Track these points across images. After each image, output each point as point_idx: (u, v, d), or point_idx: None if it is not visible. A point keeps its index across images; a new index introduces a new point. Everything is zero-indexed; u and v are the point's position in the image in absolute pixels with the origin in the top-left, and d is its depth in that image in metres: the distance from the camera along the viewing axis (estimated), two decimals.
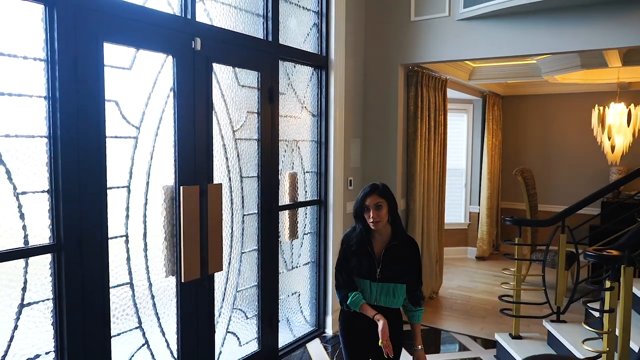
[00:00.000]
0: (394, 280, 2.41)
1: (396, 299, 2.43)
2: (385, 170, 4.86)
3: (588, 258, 2.73)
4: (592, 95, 7.04)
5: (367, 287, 2.45)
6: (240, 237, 3.57)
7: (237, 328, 3.60)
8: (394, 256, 2.42)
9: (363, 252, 2.46)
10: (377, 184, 2.48)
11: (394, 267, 2.41)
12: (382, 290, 2.42)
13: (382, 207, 2.39)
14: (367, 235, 2.47)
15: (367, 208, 2.41)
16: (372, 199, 2.40)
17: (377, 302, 2.44)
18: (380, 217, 2.39)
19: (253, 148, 3.64)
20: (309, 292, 4.45)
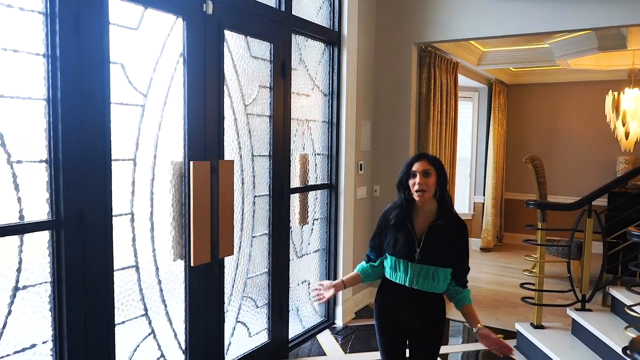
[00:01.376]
0: (435, 262, 2.16)
1: (436, 283, 2.18)
2: (396, 155, 4.64)
3: (633, 238, 2.53)
4: (599, 83, 6.89)
5: (404, 268, 2.21)
6: (251, 220, 3.33)
7: (247, 317, 3.36)
8: (437, 236, 2.17)
9: (402, 228, 2.22)
10: (426, 153, 2.26)
11: (437, 248, 2.17)
12: (420, 272, 2.18)
13: (431, 175, 2.15)
14: (409, 210, 2.23)
15: (413, 174, 2.17)
16: (421, 165, 2.16)
17: (414, 285, 2.20)
18: (427, 185, 2.13)
19: (265, 125, 3.40)
20: (318, 280, 4.22)
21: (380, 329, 2.37)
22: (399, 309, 2.25)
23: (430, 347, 2.27)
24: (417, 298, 2.21)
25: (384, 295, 2.34)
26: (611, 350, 3.13)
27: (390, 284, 2.30)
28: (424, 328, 2.25)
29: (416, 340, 2.28)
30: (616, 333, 3.22)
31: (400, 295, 2.24)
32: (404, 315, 2.24)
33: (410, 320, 2.24)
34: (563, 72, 6.95)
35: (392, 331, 2.33)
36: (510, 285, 5.51)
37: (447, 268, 2.18)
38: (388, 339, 2.35)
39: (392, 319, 2.30)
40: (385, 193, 4.71)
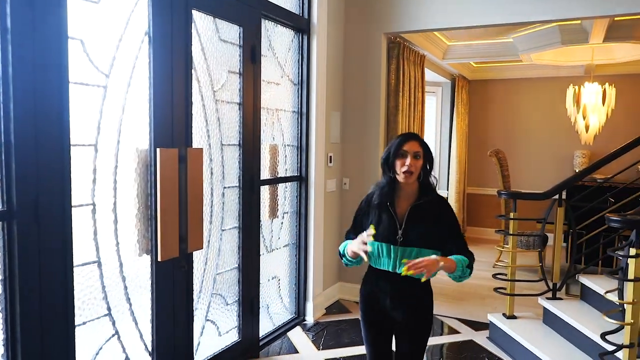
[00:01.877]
0: (418, 243, 2.07)
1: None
2: (365, 148, 4.56)
3: (611, 223, 2.54)
4: (558, 79, 7.07)
5: (387, 252, 2.11)
6: (220, 213, 3.16)
7: (216, 316, 3.18)
8: (419, 217, 2.09)
9: (383, 209, 2.13)
10: (415, 133, 2.17)
11: (419, 229, 2.08)
12: (403, 255, 2.08)
13: (420, 158, 2.07)
14: (392, 191, 2.14)
15: (402, 154, 2.07)
16: (412, 145, 2.07)
17: (397, 269, 2.09)
18: (415, 167, 2.06)
19: (234, 112, 3.23)
20: (288, 276, 4.09)
21: (365, 320, 2.27)
22: (384, 298, 2.15)
23: (417, 340, 2.18)
24: (402, 284, 2.11)
25: (368, 285, 2.24)
26: (583, 335, 3.16)
27: (374, 272, 2.20)
28: (410, 319, 2.15)
29: (402, 333, 2.19)
30: (586, 319, 3.25)
31: (385, 283, 2.15)
32: (389, 305, 2.15)
33: (396, 309, 2.14)
34: (523, 68, 7.09)
35: (377, 323, 2.23)
36: (478, 278, 5.51)
37: (431, 249, 2.08)
38: (373, 332, 2.25)
39: (377, 309, 2.20)
40: (354, 186, 4.63)
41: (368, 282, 2.25)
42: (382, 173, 2.19)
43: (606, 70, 6.37)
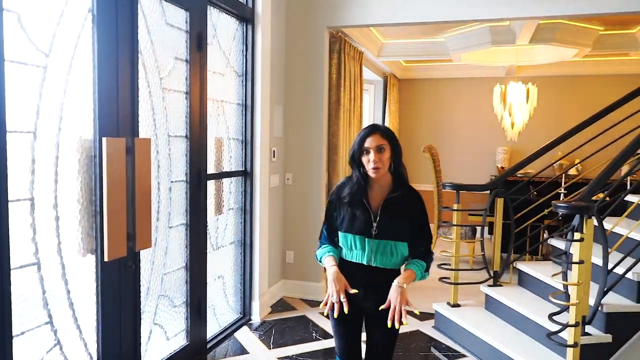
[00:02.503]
0: (392, 237, 2.06)
1: (394, 258, 2.09)
2: (308, 142, 4.51)
3: (559, 209, 2.68)
4: (482, 80, 7.46)
5: (361, 244, 2.08)
6: (167, 209, 2.96)
7: (163, 319, 2.98)
8: (393, 209, 2.07)
9: (357, 204, 2.09)
10: (377, 124, 2.13)
11: (393, 221, 2.06)
12: (378, 248, 2.06)
13: (385, 150, 2.03)
14: (364, 185, 2.10)
15: (366, 151, 2.04)
16: (374, 140, 2.03)
17: (372, 262, 2.08)
18: (382, 161, 2.02)
19: (181, 102, 3.04)
20: (233, 275, 3.93)
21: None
22: (357, 289, 2.11)
23: (392, 328, 2.15)
24: (375, 276, 2.09)
25: (342, 267, 2.19)
26: (522, 317, 3.33)
27: (345, 264, 2.16)
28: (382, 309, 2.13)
29: (374, 320, 2.16)
30: (525, 302, 3.43)
31: (357, 274, 2.11)
32: (361, 296, 2.11)
33: (369, 299, 2.11)
34: (450, 68, 7.40)
35: (348, 315, 2.18)
36: None
37: (404, 242, 2.08)
38: (343, 323, 2.20)
39: (348, 301, 2.15)
40: (297, 181, 4.56)
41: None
42: (352, 169, 2.14)
43: (526, 71, 6.81)
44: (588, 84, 7.09)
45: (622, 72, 6.81)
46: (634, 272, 2.87)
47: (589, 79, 7.08)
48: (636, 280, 2.88)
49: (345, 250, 2.15)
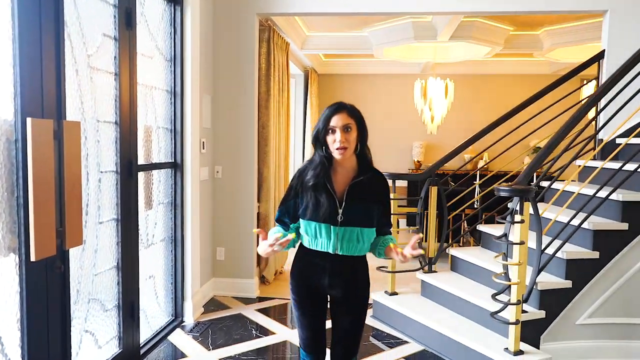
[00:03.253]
0: (359, 223, 1.98)
1: (362, 245, 2.01)
2: (238, 133, 4.34)
3: (501, 192, 2.80)
4: (398, 76, 7.71)
5: (326, 232, 1.98)
6: (96, 202, 2.65)
7: (95, 325, 2.67)
8: (359, 194, 1.98)
9: (321, 189, 1.98)
10: (344, 102, 2.00)
11: (360, 207, 1.98)
12: (344, 235, 1.97)
13: (351, 130, 1.94)
14: (328, 168, 2.00)
15: (332, 130, 1.93)
16: (340, 118, 1.92)
17: (338, 250, 1.99)
18: (348, 141, 1.92)
19: (110, 84, 2.75)
20: (164, 274, 3.65)
21: (299, 302, 2.11)
22: (322, 277, 2.03)
23: (355, 316, 2.10)
24: (342, 264, 2.01)
25: (302, 265, 2.09)
26: (457, 298, 3.46)
27: (309, 252, 2.06)
28: (350, 294, 2.06)
29: (341, 308, 2.08)
30: (458, 285, 3.55)
31: (322, 262, 2.02)
32: (327, 284, 2.03)
33: (335, 287, 2.04)
34: (368, 64, 7.55)
35: (312, 304, 2.10)
36: None
37: (371, 228, 2.01)
38: (308, 313, 2.11)
39: (313, 290, 2.07)
40: (228, 175, 4.36)
41: (302, 262, 2.10)
42: (314, 150, 2.03)
43: (441, 69, 7.10)
44: (495, 83, 7.59)
45: (526, 72, 7.38)
46: (563, 252, 3.07)
47: (496, 78, 7.58)
48: (565, 259, 3.08)
49: (309, 238, 2.04)
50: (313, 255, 2.05)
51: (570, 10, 4.02)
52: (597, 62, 4.03)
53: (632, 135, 3.35)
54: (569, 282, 3.10)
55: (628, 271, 3.15)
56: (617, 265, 3.15)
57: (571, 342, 3.17)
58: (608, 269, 3.14)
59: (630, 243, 3.13)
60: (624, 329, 3.20)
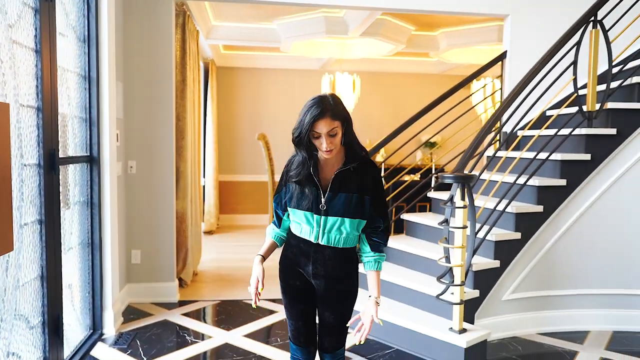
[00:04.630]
0: (342, 213, 1.90)
1: (345, 236, 1.93)
2: (155, 124, 4.01)
3: (446, 179, 2.94)
4: (300, 72, 7.74)
5: (309, 221, 1.91)
6: (18, 201, 2.25)
7: (19, 345, 2.26)
8: (345, 184, 1.90)
9: (306, 180, 1.90)
10: (325, 98, 1.84)
11: (343, 197, 1.90)
12: (326, 225, 1.91)
13: (337, 134, 1.83)
14: (311, 165, 1.90)
15: (316, 136, 1.81)
16: (325, 125, 1.78)
17: (321, 240, 1.92)
18: (334, 144, 1.83)
19: (31, 62, 2.34)
20: (80, 282, 3.23)
21: (285, 289, 2.04)
22: (306, 265, 1.96)
23: (340, 309, 2.03)
24: (325, 254, 1.94)
25: (289, 253, 2.02)
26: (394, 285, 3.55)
27: (295, 239, 1.99)
28: (332, 288, 1.99)
29: (325, 302, 2.01)
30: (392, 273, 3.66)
31: (307, 249, 1.95)
32: (311, 272, 1.96)
33: (318, 278, 1.96)
34: (270, 58, 7.46)
35: (298, 291, 2.02)
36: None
37: (355, 219, 1.95)
38: (294, 301, 2.03)
39: (297, 277, 2.00)
40: (143, 170, 4.01)
41: (289, 249, 2.03)
42: (296, 150, 1.92)
43: (342, 66, 7.26)
44: (390, 80, 7.97)
45: (418, 71, 7.86)
46: (492, 234, 3.32)
47: (391, 75, 7.96)
48: (494, 241, 3.34)
49: (294, 225, 1.97)
50: (300, 241, 1.98)
51: (477, 13, 4.34)
52: (499, 62, 4.43)
53: (527, 128, 3.72)
54: (497, 262, 3.36)
55: (542, 249, 3.52)
56: (534, 244, 3.49)
57: (498, 317, 3.45)
58: (527, 248, 3.47)
59: (544, 223, 3.49)
60: (540, 301, 3.56)
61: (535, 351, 3.30)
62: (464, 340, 2.93)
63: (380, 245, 1.98)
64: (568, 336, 3.49)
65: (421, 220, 4.01)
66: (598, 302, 3.64)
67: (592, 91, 3.56)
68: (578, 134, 3.55)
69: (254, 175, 7.82)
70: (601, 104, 3.52)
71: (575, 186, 3.53)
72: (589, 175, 3.54)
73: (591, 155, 3.52)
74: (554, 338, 3.47)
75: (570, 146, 3.59)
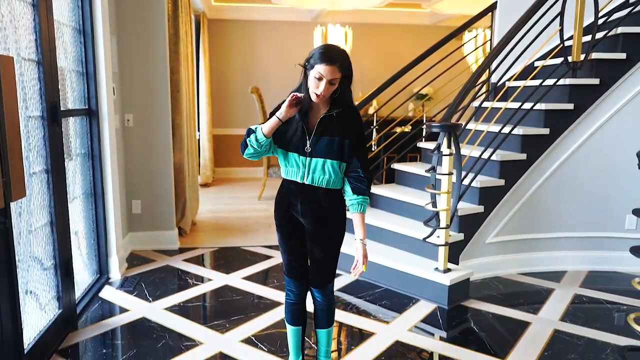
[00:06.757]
0: (324, 155, 2.05)
1: (328, 176, 2.07)
2: (150, 78, 4.07)
3: (434, 128, 3.07)
4: (292, 24, 7.69)
5: (296, 162, 2.07)
6: (27, 150, 2.37)
7: (36, 285, 2.45)
8: (329, 127, 2.04)
9: (296, 122, 2.05)
10: (340, 50, 1.98)
11: (327, 140, 2.04)
12: (311, 166, 2.06)
13: (335, 83, 1.97)
14: (307, 105, 2.03)
15: (319, 77, 1.93)
16: (330, 72, 1.92)
17: (306, 180, 2.08)
18: (328, 92, 1.97)
19: (28, 14, 2.40)
20: (86, 230, 3.40)
21: (279, 226, 2.22)
22: (295, 204, 2.12)
23: (327, 246, 2.19)
24: (312, 194, 2.10)
25: (282, 192, 2.19)
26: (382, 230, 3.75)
27: (286, 181, 2.16)
28: (319, 226, 2.15)
29: (312, 238, 2.18)
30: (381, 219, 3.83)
31: (295, 189, 2.11)
32: (300, 211, 2.12)
33: (306, 216, 2.13)
34: (261, 10, 7.39)
35: (289, 228, 2.19)
36: (249, 211, 5.77)
37: (336, 160, 2.07)
38: (286, 236, 2.21)
39: (289, 215, 2.17)
40: (139, 123, 4.10)
41: (282, 189, 2.19)
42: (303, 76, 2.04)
43: (334, 17, 7.21)
44: (382, 32, 7.93)
45: (410, 22, 7.82)
46: (477, 181, 3.49)
47: (382, 27, 7.92)
48: (478, 187, 3.51)
49: (283, 167, 2.13)
50: (289, 183, 2.14)
51: None
52: (489, 13, 4.47)
53: (513, 79, 3.83)
54: (482, 207, 3.55)
55: (525, 194, 3.70)
56: (517, 190, 3.68)
57: (482, 259, 3.67)
58: (510, 194, 3.66)
59: (527, 170, 3.66)
60: (521, 243, 3.78)
61: (515, 289, 3.54)
62: (448, 279, 3.16)
63: (362, 188, 2.11)
64: (546, 276, 3.73)
65: (411, 169, 4.16)
66: (576, 244, 3.86)
67: (578, 42, 3.65)
68: (562, 84, 3.67)
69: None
70: (586, 55, 3.62)
71: (558, 135, 3.68)
72: (571, 124, 3.69)
73: (574, 104, 3.65)
74: (533, 277, 3.71)
75: (555, 96, 3.71)
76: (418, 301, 3.27)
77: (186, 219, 4.65)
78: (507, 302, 3.27)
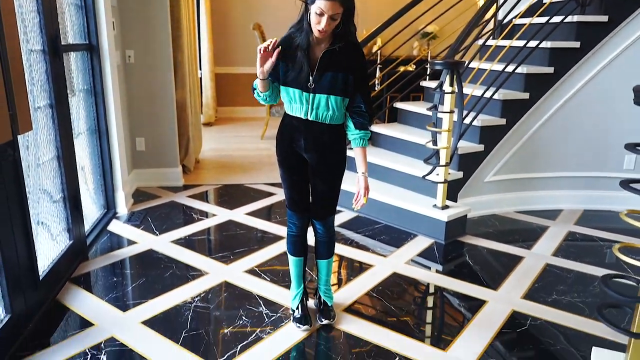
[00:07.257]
0: (327, 91, 2.06)
1: (332, 113, 2.10)
2: (149, 13, 3.98)
3: (436, 66, 3.05)
4: None
5: (299, 98, 2.08)
6: (30, 85, 2.38)
7: (47, 217, 2.54)
8: (331, 62, 2.04)
9: (299, 58, 2.03)
10: None
11: (330, 75, 2.05)
12: (314, 102, 2.08)
13: (337, 19, 1.95)
14: (309, 40, 2.02)
15: (320, 13, 1.91)
16: (331, 8, 1.89)
17: (310, 116, 2.10)
18: (330, 27, 1.95)
19: None
20: (92, 165, 3.46)
21: (281, 161, 2.26)
22: (299, 139, 2.16)
23: (329, 180, 2.25)
24: (315, 129, 2.13)
25: (284, 129, 2.21)
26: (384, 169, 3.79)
27: (288, 117, 2.18)
28: (322, 160, 2.20)
29: (315, 172, 2.23)
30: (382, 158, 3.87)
31: (298, 125, 2.14)
32: (303, 147, 2.16)
33: (309, 151, 2.17)
34: None
35: (292, 163, 2.23)
36: (252, 149, 5.81)
37: (339, 96, 2.09)
38: (289, 171, 2.25)
39: (291, 150, 2.21)
40: (141, 59, 4.06)
41: (284, 125, 2.22)
42: (303, 11, 2.02)
43: None
44: None
45: None
46: (479, 120, 3.50)
47: None
48: (479, 126, 3.52)
49: (286, 103, 2.14)
50: (292, 119, 2.16)
51: None
52: None
53: (519, 15, 3.74)
54: (482, 146, 3.58)
55: (526, 134, 3.72)
56: (518, 130, 3.69)
57: (481, 197, 3.74)
58: (511, 134, 3.68)
59: (529, 110, 3.66)
60: (519, 182, 3.84)
61: (511, 226, 3.64)
62: (446, 215, 3.24)
63: (364, 123, 2.15)
64: (543, 214, 3.82)
65: (413, 108, 4.15)
66: (574, 183, 3.92)
67: None
68: (570, 21, 3.59)
69: (250, 67, 7.78)
70: None
71: (562, 74, 3.64)
72: (577, 62, 3.64)
73: (581, 42, 3.59)
74: (529, 215, 3.80)
75: (562, 34, 3.64)
76: (416, 236, 3.38)
77: (190, 157, 4.71)
78: (503, 238, 3.38)
